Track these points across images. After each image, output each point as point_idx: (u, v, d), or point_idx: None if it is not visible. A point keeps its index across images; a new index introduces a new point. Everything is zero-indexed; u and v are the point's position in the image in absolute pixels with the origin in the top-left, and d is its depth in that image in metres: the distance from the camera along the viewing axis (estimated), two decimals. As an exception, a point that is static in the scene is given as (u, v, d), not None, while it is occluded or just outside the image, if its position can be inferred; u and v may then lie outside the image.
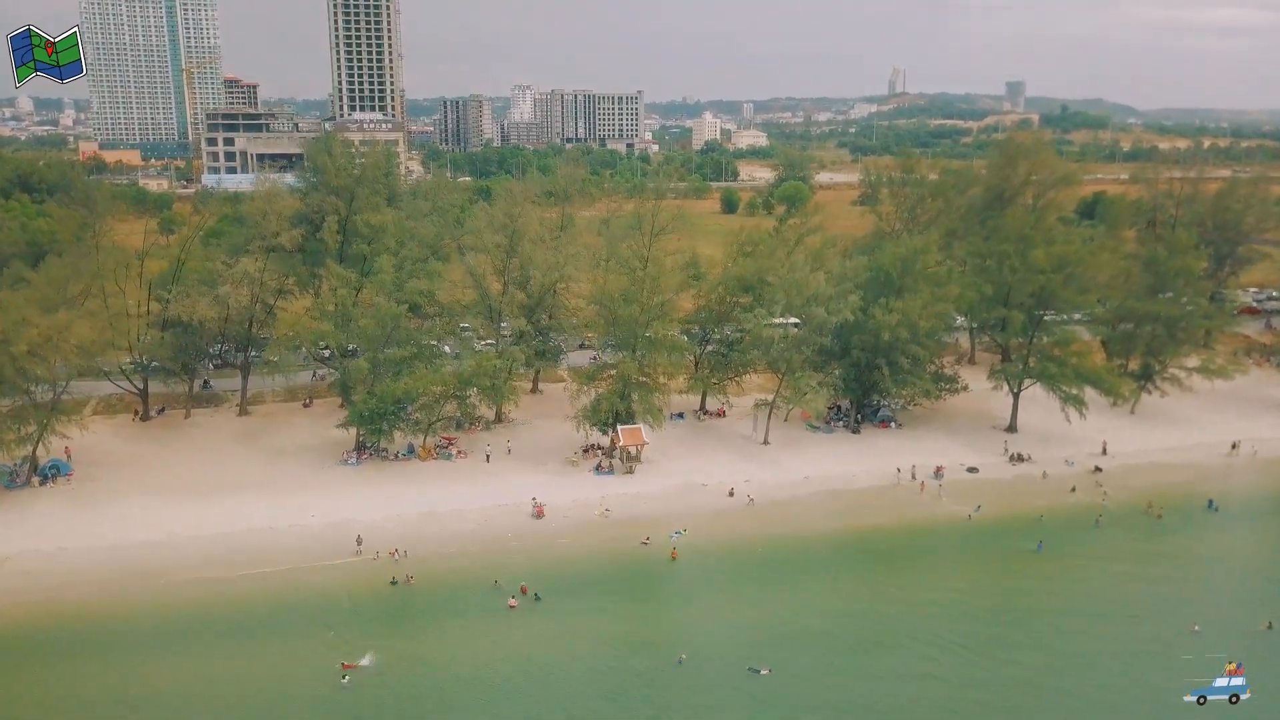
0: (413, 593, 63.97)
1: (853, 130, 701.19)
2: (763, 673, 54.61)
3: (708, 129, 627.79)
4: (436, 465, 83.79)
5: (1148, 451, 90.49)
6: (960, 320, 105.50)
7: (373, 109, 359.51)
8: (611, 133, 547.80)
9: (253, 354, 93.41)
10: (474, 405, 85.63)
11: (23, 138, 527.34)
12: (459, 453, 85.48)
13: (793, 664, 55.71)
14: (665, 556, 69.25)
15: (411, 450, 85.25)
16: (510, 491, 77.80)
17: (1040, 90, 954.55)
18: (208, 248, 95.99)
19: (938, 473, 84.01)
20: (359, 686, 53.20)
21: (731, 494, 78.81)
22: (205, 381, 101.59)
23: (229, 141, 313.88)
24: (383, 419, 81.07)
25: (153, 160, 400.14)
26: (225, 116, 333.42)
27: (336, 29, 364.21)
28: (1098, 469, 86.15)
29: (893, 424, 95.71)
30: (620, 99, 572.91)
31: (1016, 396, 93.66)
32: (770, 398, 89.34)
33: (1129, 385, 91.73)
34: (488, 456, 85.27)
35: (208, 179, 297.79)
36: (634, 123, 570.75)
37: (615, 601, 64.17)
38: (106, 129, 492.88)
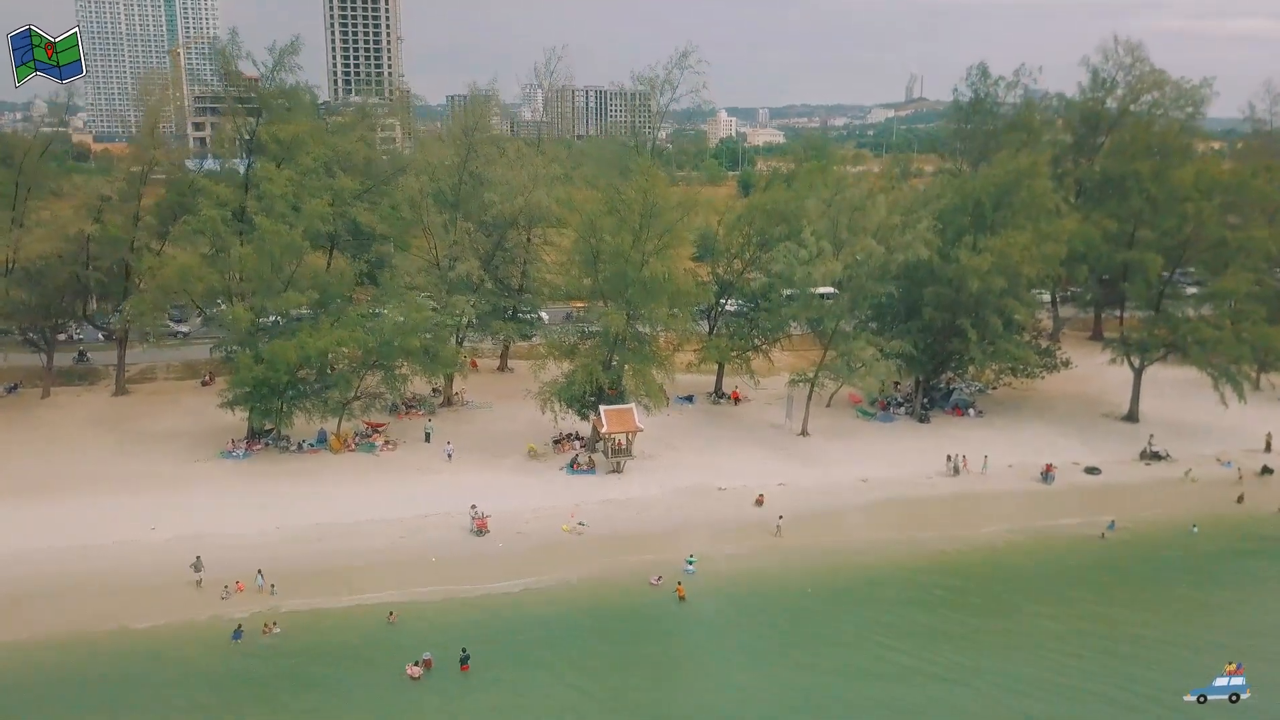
0: (266, 651, 41.01)
1: (870, 133, 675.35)
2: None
3: (723, 128, 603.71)
4: (353, 460, 61.08)
5: (1325, 448, 66.92)
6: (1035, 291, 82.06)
7: (369, 94, 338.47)
8: (623, 132, 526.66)
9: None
10: (406, 378, 62.76)
11: (29, 137, 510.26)
12: (386, 444, 62.74)
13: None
14: (665, 596, 46.28)
15: (324, 439, 62.69)
16: (448, 496, 55.01)
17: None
18: None
19: (1046, 474, 60.73)
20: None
21: (760, 502, 55.79)
22: (81, 353, 79.50)
23: (217, 127, 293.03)
24: (276, 395, 58.51)
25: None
26: (213, 99, 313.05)
27: (331, 5, 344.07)
28: (1266, 470, 62.61)
29: (971, 411, 72.38)
30: (633, 97, 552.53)
31: (1139, 375, 70.25)
32: (811, 374, 66.27)
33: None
34: (427, 435, 63.20)
35: (190, 164, 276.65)
36: (646, 121, 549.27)
37: (582, 668, 40.92)
38: (103, 122, 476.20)
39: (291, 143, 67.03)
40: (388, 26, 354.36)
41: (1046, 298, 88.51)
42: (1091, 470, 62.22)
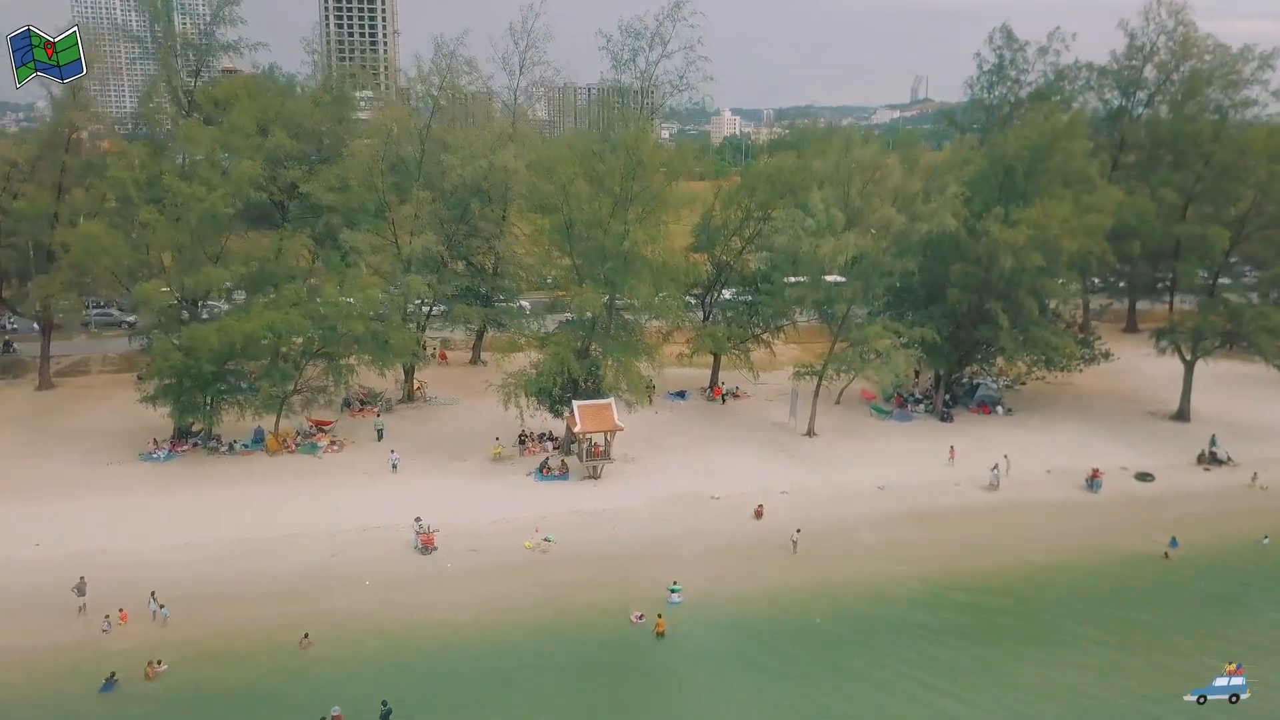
0: (141, 707, 33.02)
1: (876, 133, 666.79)
2: None
3: (727, 126, 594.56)
4: (291, 463, 53.08)
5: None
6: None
7: (364, 87, 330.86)
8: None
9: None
10: (353, 369, 54.70)
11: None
12: (331, 444, 54.79)
13: None
14: (643, 632, 38.20)
15: (261, 439, 54.76)
16: (396, 505, 47.00)
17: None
18: None
19: (1092, 480, 52.56)
20: None
21: (759, 513, 47.74)
22: (7, 344, 71.97)
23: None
24: (200, 389, 50.60)
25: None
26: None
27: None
28: (1344, 477, 54.45)
29: (998, 409, 64.25)
30: (636, 93, 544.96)
31: (1190, 369, 62.12)
32: (818, 366, 58.23)
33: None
34: (379, 434, 55.37)
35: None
36: (649, 119, 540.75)
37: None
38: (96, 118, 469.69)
39: (227, 100, 59.37)
40: (384, 19, 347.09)
41: (1074, 286, 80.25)
42: (1143, 476, 54.04)
